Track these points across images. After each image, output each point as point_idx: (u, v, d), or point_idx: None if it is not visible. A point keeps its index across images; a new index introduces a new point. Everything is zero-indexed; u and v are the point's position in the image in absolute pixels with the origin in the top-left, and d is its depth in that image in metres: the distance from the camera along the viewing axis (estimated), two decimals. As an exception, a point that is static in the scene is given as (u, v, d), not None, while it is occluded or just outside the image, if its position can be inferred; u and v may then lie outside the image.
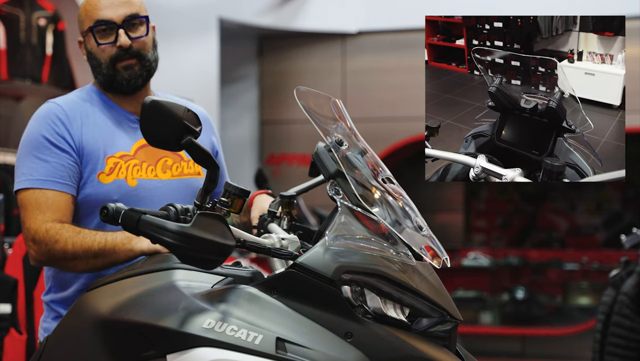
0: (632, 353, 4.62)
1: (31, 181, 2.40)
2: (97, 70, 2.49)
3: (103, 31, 2.47)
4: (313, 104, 2.09)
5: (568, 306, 8.91)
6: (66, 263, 2.32)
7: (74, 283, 2.42)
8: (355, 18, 8.46)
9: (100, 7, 2.46)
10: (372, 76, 8.49)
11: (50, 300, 2.47)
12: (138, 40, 2.47)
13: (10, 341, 4.25)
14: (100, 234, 2.28)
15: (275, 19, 8.23)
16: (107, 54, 2.46)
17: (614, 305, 4.74)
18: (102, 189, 2.39)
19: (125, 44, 2.45)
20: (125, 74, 2.47)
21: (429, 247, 1.95)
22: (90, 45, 2.49)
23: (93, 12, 2.47)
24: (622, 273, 4.84)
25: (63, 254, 2.30)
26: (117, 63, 2.46)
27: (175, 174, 2.48)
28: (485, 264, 8.99)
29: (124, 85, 2.48)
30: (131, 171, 2.42)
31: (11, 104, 6.65)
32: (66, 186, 2.38)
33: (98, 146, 2.42)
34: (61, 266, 2.36)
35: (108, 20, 2.45)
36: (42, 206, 2.36)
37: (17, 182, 2.43)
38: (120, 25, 2.45)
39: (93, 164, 2.41)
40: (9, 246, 4.68)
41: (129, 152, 2.44)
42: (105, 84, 2.50)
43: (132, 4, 2.48)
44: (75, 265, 2.31)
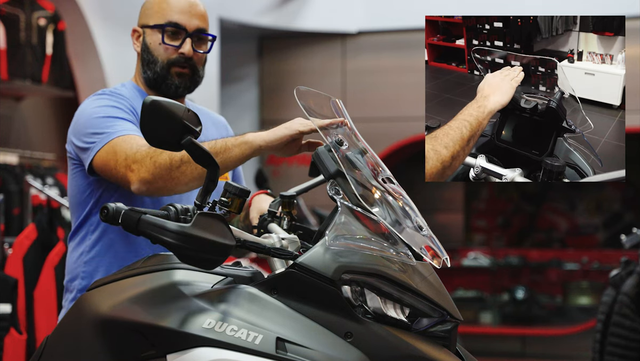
0: (632, 353, 4.62)
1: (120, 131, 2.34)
2: (150, 66, 2.53)
3: (172, 33, 2.51)
4: (313, 103, 2.09)
5: (568, 306, 8.92)
6: (172, 172, 2.24)
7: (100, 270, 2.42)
8: (355, 18, 8.47)
9: (178, 10, 2.51)
10: (372, 76, 8.50)
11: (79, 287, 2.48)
12: (200, 54, 2.54)
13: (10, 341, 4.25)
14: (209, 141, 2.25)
15: (275, 19, 8.24)
16: (166, 55, 2.51)
17: (614, 305, 4.74)
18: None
19: (189, 53, 2.51)
20: (177, 80, 2.52)
21: (429, 247, 1.95)
22: (152, 40, 2.53)
23: (169, 11, 2.51)
24: (622, 273, 4.85)
25: (170, 161, 2.23)
26: (173, 67, 2.51)
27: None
28: (485, 264, 8.99)
29: (172, 89, 2.52)
30: None
31: (11, 104, 6.65)
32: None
33: None
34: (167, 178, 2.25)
35: (181, 25, 2.50)
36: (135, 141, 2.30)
37: (101, 138, 2.35)
38: (191, 34, 2.51)
39: None
40: (9, 246, 4.68)
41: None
42: (152, 82, 2.53)
43: (205, 19, 2.55)
44: (184, 172, 2.23)
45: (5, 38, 6.04)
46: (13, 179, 5.47)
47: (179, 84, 2.52)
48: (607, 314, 4.78)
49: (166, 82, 2.52)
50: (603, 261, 8.65)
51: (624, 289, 4.70)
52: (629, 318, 4.63)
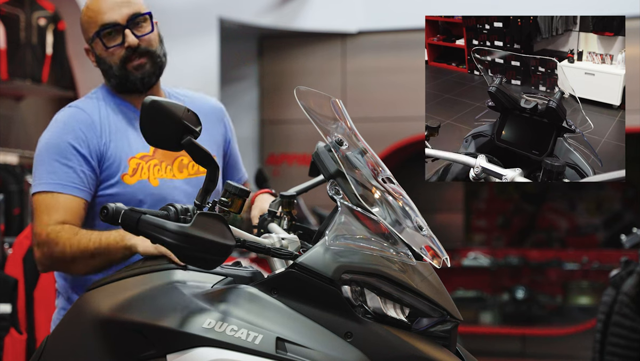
0: (632, 353, 4.62)
1: (49, 184, 2.38)
2: (109, 73, 2.49)
3: (109, 34, 2.47)
4: (313, 103, 2.09)
5: (568, 306, 8.91)
6: (67, 265, 2.33)
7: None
8: (355, 18, 8.46)
9: (103, 11, 2.46)
10: (372, 76, 8.49)
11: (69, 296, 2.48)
12: (145, 38, 2.48)
13: (10, 341, 4.25)
14: (96, 233, 2.29)
15: (275, 19, 8.23)
16: (116, 57, 2.47)
17: (614, 305, 4.74)
18: (127, 189, 2.41)
19: (134, 43, 2.45)
20: (137, 73, 2.48)
21: (429, 247, 1.95)
22: (99, 50, 2.49)
23: (96, 17, 2.46)
24: (622, 272, 4.84)
25: (62, 256, 2.31)
26: (128, 64, 2.47)
27: (191, 173, 2.50)
28: (485, 264, 8.99)
29: (138, 84, 2.49)
30: (152, 171, 2.44)
31: (11, 104, 6.65)
32: (82, 192, 2.38)
33: (120, 148, 2.44)
34: (64, 269, 2.36)
35: (113, 23, 2.45)
36: (51, 209, 2.36)
37: (36, 184, 2.41)
38: (126, 25, 2.46)
39: (116, 166, 2.42)
40: (9, 246, 4.68)
41: (149, 153, 2.46)
42: (119, 86, 2.50)
43: (133, 2, 2.48)
44: (76, 267, 2.32)
45: (5, 38, 6.04)
46: (13, 179, 5.47)
47: (142, 76, 2.48)
48: (607, 314, 4.78)
49: (129, 80, 2.48)
50: (603, 261, 8.64)
51: (624, 289, 4.70)
52: (629, 318, 4.63)
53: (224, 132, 2.64)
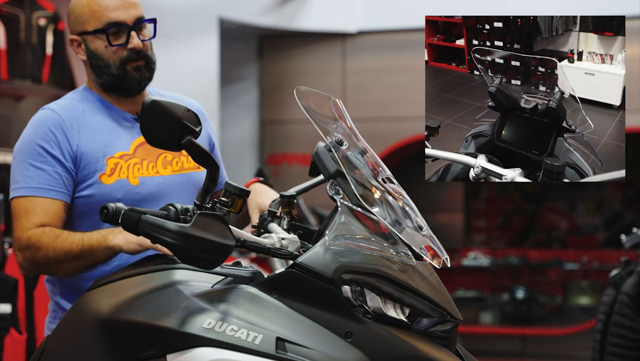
0: (632, 353, 4.62)
1: (25, 189, 2.38)
2: (104, 71, 2.47)
3: (114, 33, 2.45)
4: (313, 103, 2.09)
5: (568, 306, 8.91)
6: (51, 268, 2.33)
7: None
8: (355, 18, 8.46)
9: (112, 8, 2.44)
10: (372, 76, 8.49)
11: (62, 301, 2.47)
12: (147, 42, 2.49)
13: (10, 341, 4.25)
14: (78, 235, 2.29)
15: (275, 19, 8.23)
16: (117, 56, 2.46)
17: (614, 305, 4.73)
18: (105, 190, 2.39)
19: (138, 46, 2.46)
20: (136, 75, 2.47)
21: (429, 247, 1.95)
22: (96, 45, 2.47)
23: (103, 13, 2.44)
24: (622, 272, 4.84)
25: (46, 260, 2.31)
26: (127, 65, 2.46)
27: (175, 169, 2.49)
28: (485, 264, 8.98)
29: (135, 86, 2.48)
30: (132, 169, 2.43)
31: (11, 104, 6.65)
32: (59, 193, 2.38)
33: (97, 148, 2.42)
34: (47, 271, 2.37)
35: (121, 22, 2.45)
36: (30, 213, 2.35)
37: (12, 190, 2.42)
38: (132, 27, 2.45)
39: (93, 166, 2.40)
40: (9, 246, 4.67)
41: (128, 152, 2.44)
42: (111, 85, 2.49)
43: (138, 5, 2.49)
44: (60, 269, 2.32)
45: (5, 38, 6.04)
46: (13, 179, 5.45)
47: (139, 78, 2.48)
48: (607, 314, 4.78)
49: (126, 80, 2.47)
50: (603, 261, 8.64)
51: (624, 289, 4.70)
52: (629, 318, 4.63)
53: (207, 134, 2.64)
